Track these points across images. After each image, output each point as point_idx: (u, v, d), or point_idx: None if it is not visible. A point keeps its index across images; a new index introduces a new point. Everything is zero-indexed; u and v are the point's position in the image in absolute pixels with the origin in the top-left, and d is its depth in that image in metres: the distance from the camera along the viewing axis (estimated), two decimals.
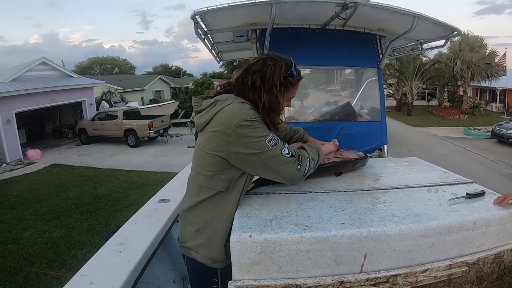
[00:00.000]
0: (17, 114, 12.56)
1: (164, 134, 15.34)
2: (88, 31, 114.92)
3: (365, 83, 2.99)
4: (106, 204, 7.58)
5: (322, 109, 3.05)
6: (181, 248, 1.35)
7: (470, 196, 1.27)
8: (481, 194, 1.29)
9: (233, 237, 1.08)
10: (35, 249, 5.55)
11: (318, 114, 2.95)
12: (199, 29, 2.45)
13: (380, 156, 2.89)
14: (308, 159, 1.31)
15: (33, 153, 12.59)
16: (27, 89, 12.68)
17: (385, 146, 2.90)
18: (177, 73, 47.37)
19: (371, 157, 2.88)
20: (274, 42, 2.48)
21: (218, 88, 1.37)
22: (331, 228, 1.07)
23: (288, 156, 1.23)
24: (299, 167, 1.25)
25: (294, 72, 1.32)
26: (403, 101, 25.22)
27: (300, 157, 1.27)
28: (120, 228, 1.99)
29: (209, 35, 2.74)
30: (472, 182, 1.47)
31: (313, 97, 3.26)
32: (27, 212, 7.18)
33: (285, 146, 1.24)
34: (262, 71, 1.27)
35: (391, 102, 25.23)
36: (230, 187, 1.27)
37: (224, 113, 1.22)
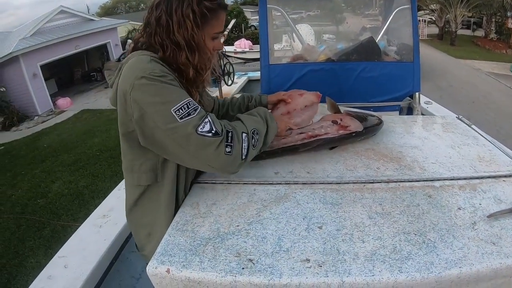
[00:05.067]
0: (43, 66, 12.57)
1: None
2: None
3: (393, 13, 2.30)
4: None
5: (337, 46, 2.44)
6: (141, 257, 1.08)
7: None
8: None
9: (148, 268, 0.74)
10: (62, 201, 5.73)
11: (331, 53, 2.35)
12: None
13: (410, 105, 2.33)
14: (245, 134, 0.87)
15: (62, 101, 12.78)
16: (48, 41, 12.50)
17: (417, 93, 2.31)
18: None
19: (399, 106, 2.36)
20: None
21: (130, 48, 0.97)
22: (285, 269, 0.66)
23: (209, 135, 0.80)
24: (228, 149, 0.81)
25: None
26: (446, 29, 22.58)
27: (230, 133, 0.83)
28: (109, 196, 1.81)
29: None
30: None
31: (326, 31, 2.62)
32: (55, 163, 7.37)
33: (206, 119, 0.81)
34: (167, 1, 0.86)
35: (433, 30, 23.09)
36: (158, 178, 0.92)
37: (121, 77, 0.86)
